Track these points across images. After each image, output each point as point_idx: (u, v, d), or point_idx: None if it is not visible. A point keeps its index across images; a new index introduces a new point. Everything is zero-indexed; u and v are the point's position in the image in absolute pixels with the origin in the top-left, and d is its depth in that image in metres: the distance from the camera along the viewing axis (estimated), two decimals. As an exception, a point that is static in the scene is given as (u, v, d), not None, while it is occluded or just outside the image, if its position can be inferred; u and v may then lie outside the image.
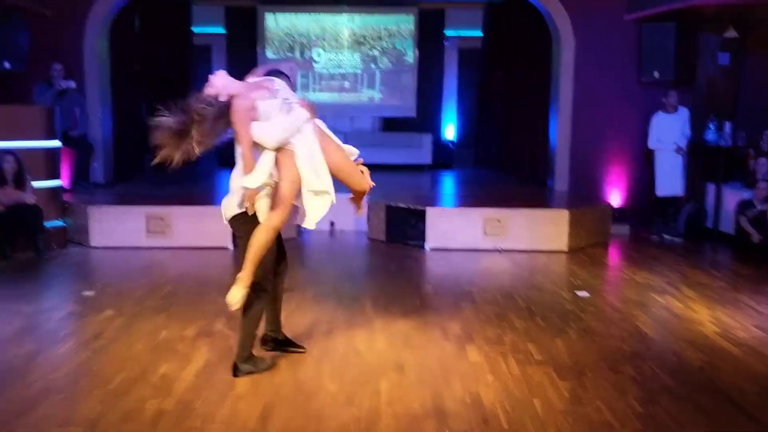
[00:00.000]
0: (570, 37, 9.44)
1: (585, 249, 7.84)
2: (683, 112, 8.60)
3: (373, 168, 4.72)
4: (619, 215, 8.91)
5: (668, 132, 8.55)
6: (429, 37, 13.26)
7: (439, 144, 13.17)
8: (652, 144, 8.67)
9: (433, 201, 8.74)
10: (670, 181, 8.59)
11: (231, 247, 7.54)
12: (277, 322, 4.40)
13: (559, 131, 9.64)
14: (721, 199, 8.56)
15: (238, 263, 3.97)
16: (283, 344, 4.40)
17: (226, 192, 4.01)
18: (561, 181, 9.69)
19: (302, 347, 4.42)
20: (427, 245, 7.71)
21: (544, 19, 9.77)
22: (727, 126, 8.70)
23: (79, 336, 4.75)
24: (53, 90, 8.64)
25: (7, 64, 8.72)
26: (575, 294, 5.96)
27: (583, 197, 9.01)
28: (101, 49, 9.49)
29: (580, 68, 9.48)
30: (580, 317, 5.32)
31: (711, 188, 8.72)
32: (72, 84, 8.76)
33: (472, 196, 9.05)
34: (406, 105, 13.25)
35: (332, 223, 8.79)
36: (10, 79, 9.15)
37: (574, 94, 9.54)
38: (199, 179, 10.33)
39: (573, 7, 9.39)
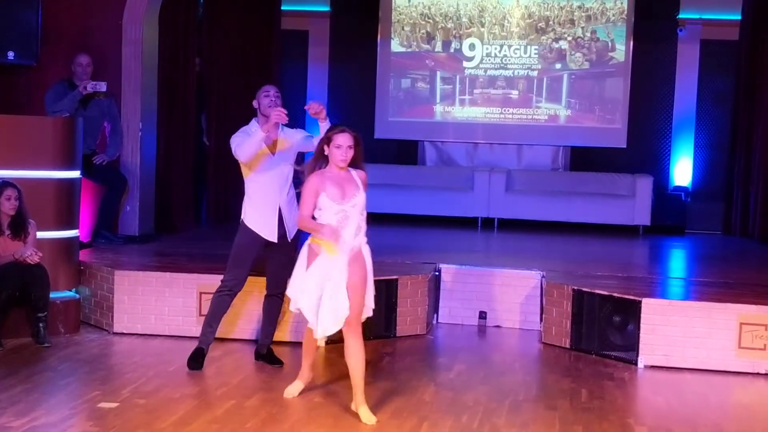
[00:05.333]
0: None
1: None
2: None
3: (555, 228, 4.71)
4: None
5: None
6: (651, 21, 13.21)
7: (663, 194, 12.99)
8: None
9: (653, 287, 8.51)
10: None
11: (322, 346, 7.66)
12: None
13: None
14: None
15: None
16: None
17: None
18: None
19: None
20: (641, 360, 7.53)
21: None
22: None
23: (91, 472, 4.91)
24: (75, 93, 9.11)
25: (10, 55, 9.32)
26: None
27: None
28: (148, 36, 10.02)
29: None
30: None
31: None
32: (102, 86, 9.20)
33: (718, 284, 8.79)
34: (610, 129, 13.14)
35: (483, 314, 8.74)
36: (15, 75, 9.80)
37: None
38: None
39: None
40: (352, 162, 5.90)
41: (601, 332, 7.80)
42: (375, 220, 12.92)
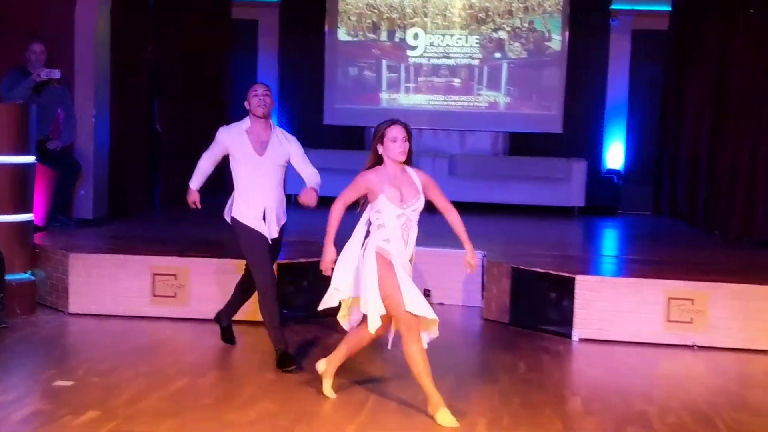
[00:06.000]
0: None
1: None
2: None
3: (496, 210, 4.85)
4: None
5: None
6: (586, 12, 13.34)
7: (597, 176, 13.16)
8: None
9: (587, 265, 8.72)
10: None
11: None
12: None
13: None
14: None
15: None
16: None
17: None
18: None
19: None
20: (576, 334, 7.69)
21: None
22: None
23: (49, 447, 4.92)
24: (29, 80, 9.07)
25: None
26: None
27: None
28: (100, 24, 10.01)
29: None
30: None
31: None
32: (56, 73, 9.17)
33: (648, 261, 8.98)
34: (547, 115, 13.29)
35: (427, 292, 8.72)
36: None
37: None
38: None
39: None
40: (407, 156, 5.52)
41: (538, 308, 7.94)
42: (323, 203, 13.04)
